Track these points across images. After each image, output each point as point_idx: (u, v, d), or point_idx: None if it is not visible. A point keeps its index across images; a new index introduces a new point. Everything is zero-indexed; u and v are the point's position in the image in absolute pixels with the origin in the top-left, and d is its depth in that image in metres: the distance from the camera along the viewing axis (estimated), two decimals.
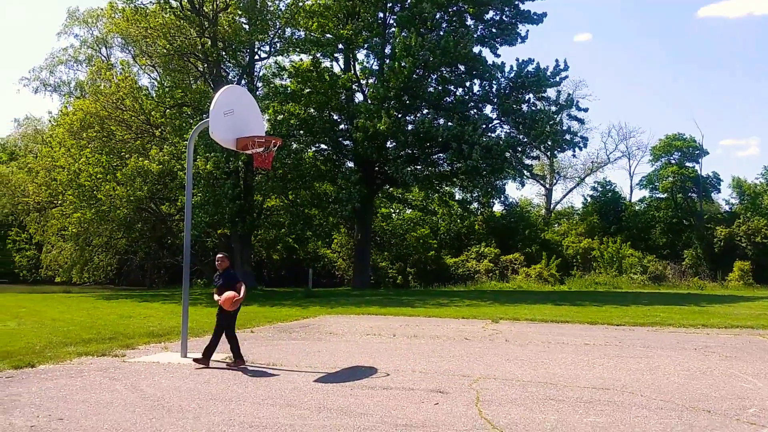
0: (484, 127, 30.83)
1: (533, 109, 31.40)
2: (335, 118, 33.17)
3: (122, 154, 29.87)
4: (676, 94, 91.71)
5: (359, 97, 34.11)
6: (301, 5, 31.28)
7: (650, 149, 52.41)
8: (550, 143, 31.84)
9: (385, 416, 6.43)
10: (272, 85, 31.87)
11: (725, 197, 59.00)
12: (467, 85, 32.26)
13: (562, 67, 30.82)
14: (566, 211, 56.31)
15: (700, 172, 47.49)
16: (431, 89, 31.63)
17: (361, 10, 32.45)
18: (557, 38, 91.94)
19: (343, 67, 34.05)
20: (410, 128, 30.66)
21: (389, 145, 31.61)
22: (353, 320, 16.36)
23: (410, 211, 45.55)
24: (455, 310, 19.25)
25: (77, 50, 47.57)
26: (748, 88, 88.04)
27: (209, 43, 30.42)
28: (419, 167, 32.92)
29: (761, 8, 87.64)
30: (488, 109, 32.78)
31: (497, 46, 32.19)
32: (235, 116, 10.60)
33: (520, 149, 32.07)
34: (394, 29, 31.83)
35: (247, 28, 31.58)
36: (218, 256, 9.96)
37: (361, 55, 34.73)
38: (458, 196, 37.87)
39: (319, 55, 31.51)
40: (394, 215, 47.23)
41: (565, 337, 12.92)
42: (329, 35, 31.79)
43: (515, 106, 30.90)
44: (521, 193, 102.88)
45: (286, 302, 22.83)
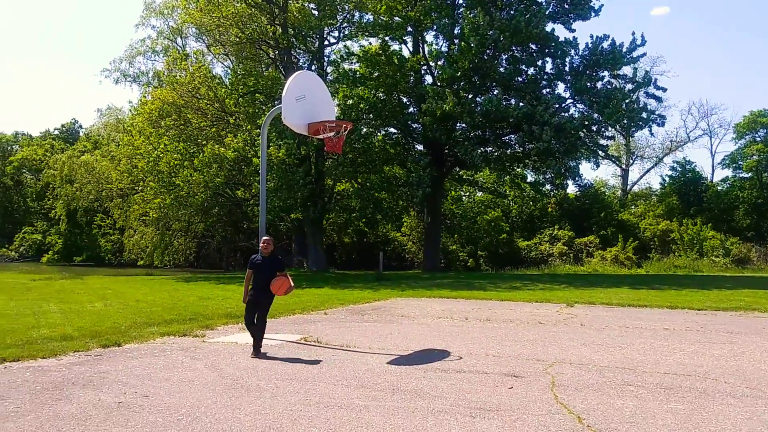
0: (556, 106, 30.07)
1: (608, 87, 30.39)
2: (404, 101, 33.09)
3: (199, 141, 30.77)
4: (761, 67, 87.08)
5: (428, 79, 33.90)
6: None
7: (734, 126, 50.24)
8: (625, 122, 30.77)
9: (458, 399, 6.42)
10: (341, 69, 32.10)
11: None
12: (539, 63, 31.50)
13: (639, 42, 29.68)
14: (643, 192, 54.61)
15: None
16: (502, 69, 31.08)
17: None
18: (633, 12, 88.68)
19: (411, 49, 33.89)
20: (479, 109, 30.20)
21: (458, 126, 31.29)
22: (424, 303, 16.38)
23: (481, 193, 45.12)
24: (528, 293, 19.00)
25: (154, 41, 49.07)
26: None
27: (280, 30, 30.85)
28: (490, 149, 32.49)
29: None
30: (561, 88, 31.97)
31: (570, 21, 31.18)
32: (306, 102, 10.72)
33: (594, 129, 31.18)
34: (462, 9, 31.39)
35: (316, 14, 31.86)
36: (266, 239, 9.44)
37: (429, 36, 34.47)
38: (530, 177, 37.22)
39: (387, 38, 31.45)
40: (464, 198, 46.89)
41: (643, 321, 12.56)
42: (397, 18, 31.65)
43: (589, 84, 29.97)
44: (596, 173, 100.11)
45: (357, 285, 23.07)
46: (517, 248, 41.62)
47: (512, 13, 29.96)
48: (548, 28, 30.31)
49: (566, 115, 30.25)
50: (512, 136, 31.62)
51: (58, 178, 50.99)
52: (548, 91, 31.51)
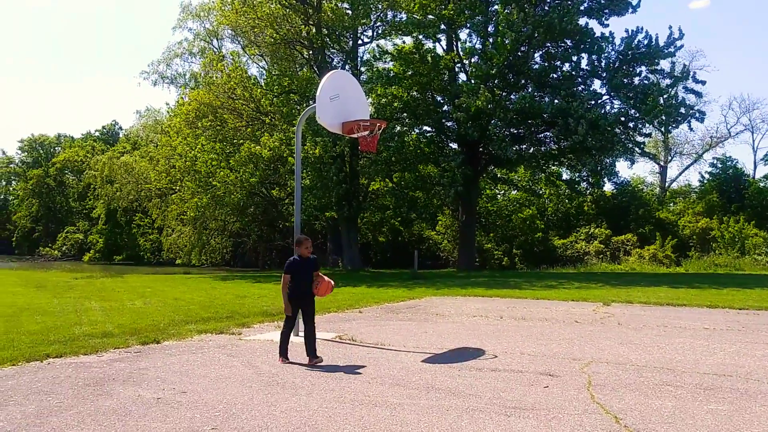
0: (592, 103, 29.67)
1: (645, 82, 29.87)
2: (438, 99, 33.01)
3: (235, 141, 31.15)
4: None
5: (462, 77, 33.76)
6: None
7: None
8: (663, 118, 30.19)
9: (494, 398, 6.39)
10: (375, 68, 32.16)
11: None
12: (574, 59, 31.10)
13: (676, 36, 29.12)
14: (682, 189, 53.57)
15: None
16: (536, 66, 30.78)
17: None
18: (671, 6, 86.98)
19: (445, 47, 33.77)
20: (513, 106, 29.95)
21: (493, 123, 31.07)
22: (459, 302, 16.33)
23: (516, 191, 44.79)
24: (564, 292, 18.79)
25: (191, 43, 49.87)
26: None
27: (314, 30, 31.05)
28: (524, 146, 32.21)
29: None
30: (597, 84, 31.51)
31: (605, 17, 30.72)
32: (340, 101, 10.76)
33: (631, 125, 30.69)
34: (496, 6, 31.17)
35: (349, 13, 31.96)
36: (306, 238, 8.75)
37: (463, 34, 34.31)
38: (566, 176, 36.80)
39: (421, 36, 31.41)
40: (499, 196, 46.60)
41: (682, 321, 12.33)
42: (431, 16, 31.56)
43: (626, 80, 29.50)
44: (633, 171, 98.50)
45: (392, 283, 23.09)
46: (552, 246, 41.22)
47: (546, 9, 29.66)
48: (582, 22, 29.93)
49: (602, 111, 29.81)
50: (547, 133, 31.29)
51: (98, 178, 52.13)
52: (583, 87, 31.10)
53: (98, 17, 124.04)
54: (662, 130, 44.00)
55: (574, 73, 31.08)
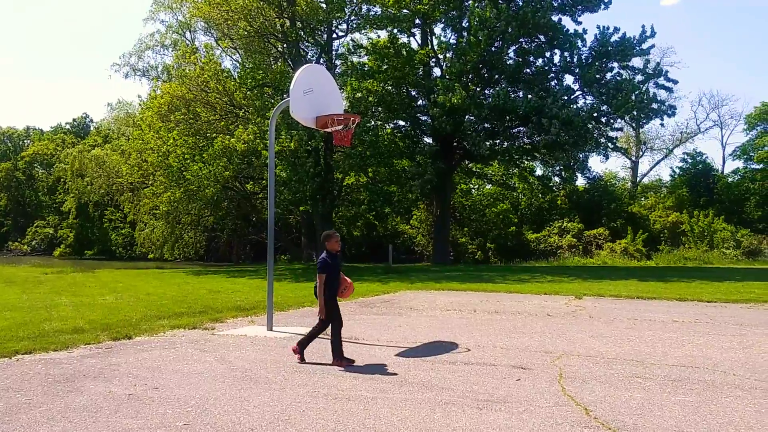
0: (565, 98, 29.93)
1: (618, 78, 30.22)
2: (413, 93, 33.05)
3: (208, 134, 30.84)
4: None
5: (437, 72, 33.84)
6: None
7: (745, 118, 49.88)
8: (635, 113, 30.58)
9: (466, 391, 6.45)
10: (350, 62, 32.06)
11: None
12: (547, 55, 31.39)
13: (648, 34, 29.51)
14: (653, 184, 54.35)
15: None
16: (510, 61, 30.96)
17: None
18: (643, 2, 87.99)
19: (420, 42, 33.79)
20: (488, 102, 30.12)
21: (467, 119, 31.20)
22: (433, 296, 16.41)
23: (490, 186, 45.03)
24: (537, 286, 18.99)
25: (163, 35, 49.15)
26: None
27: (288, 23, 30.84)
28: (498, 141, 32.39)
29: None
30: (570, 80, 31.83)
31: (577, 14, 31.01)
32: (314, 95, 10.72)
33: (603, 120, 31.03)
34: (470, 2, 31.27)
35: (324, 6, 31.79)
36: (334, 232, 8.32)
37: (438, 29, 34.38)
38: (540, 170, 37.10)
39: (395, 30, 31.39)
40: (473, 191, 46.81)
41: (652, 313, 12.54)
42: (406, 10, 31.56)
43: (598, 75, 29.83)
44: (605, 166, 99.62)
45: (367, 278, 23.13)
46: (526, 240, 41.57)
47: (519, 4, 29.84)
48: (555, 18, 30.17)
49: (575, 107, 30.08)
50: (521, 128, 31.51)
51: (69, 172, 51.27)
52: (556, 83, 31.37)
53: (69, 8, 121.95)
54: (634, 125, 44.66)
55: (547, 68, 31.34)
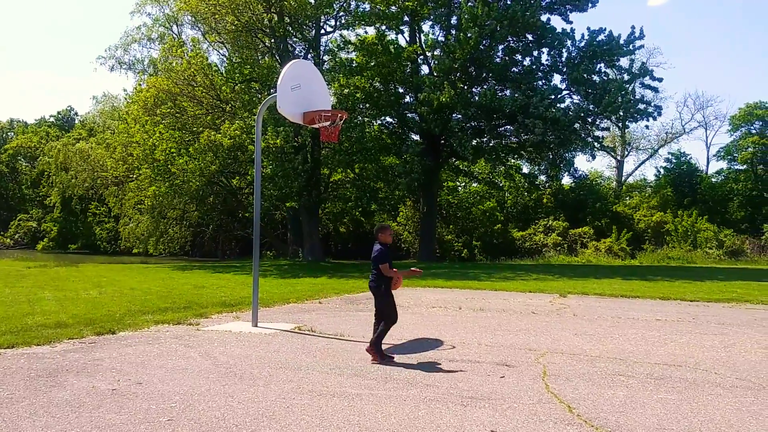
0: (552, 98, 30.05)
1: (604, 78, 30.38)
2: (400, 90, 33.04)
3: (194, 129, 30.65)
4: (757, 60, 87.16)
5: (425, 69, 33.84)
6: None
7: (729, 119, 50.35)
8: (621, 113, 30.78)
9: (451, 388, 6.48)
10: (338, 58, 31.96)
11: None
12: (535, 54, 31.48)
13: (636, 35, 29.65)
14: (638, 183, 54.72)
15: None
16: (498, 60, 31.02)
17: None
18: (630, 3, 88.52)
19: (408, 39, 33.77)
20: (475, 100, 30.16)
21: (454, 117, 31.25)
22: (419, 293, 16.45)
23: (476, 184, 45.14)
24: (522, 283, 19.08)
25: (150, 29, 48.68)
26: None
27: (276, 18, 30.68)
28: (485, 139, 32.46)
29: None
30: (557, 79, 31.96)
31: (567, 12, 31.13)
32: (301, 91, 10.69)
33: (590, 120, 31.19)
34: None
35: (312, 2, 31.67)
36: (388, 225, 8.37)
37: (426, 26, 34.44)
38: (526, 169, 37.24)
39: (384, 27, 31.33)
40: (460, 188, 46.91)
41: (635, 312, 12.65)
42: (394, 7, 31.51)
43: (585, 75, 29.96)
44: (591, 165, 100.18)
45: (353, 274, 23.11)
46: (511, 238, 41.70)
47: (509, 2, 29.90)
48: (544, 18, 30.29)
49: (561, 107, 30.22)
50: (508, 127, 31.60)
51: (53, 165, 50.83)
52: (544, 82, 31.48)
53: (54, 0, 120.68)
54: (620, 125, 44.92)
55: (534, 67, 31.43)
